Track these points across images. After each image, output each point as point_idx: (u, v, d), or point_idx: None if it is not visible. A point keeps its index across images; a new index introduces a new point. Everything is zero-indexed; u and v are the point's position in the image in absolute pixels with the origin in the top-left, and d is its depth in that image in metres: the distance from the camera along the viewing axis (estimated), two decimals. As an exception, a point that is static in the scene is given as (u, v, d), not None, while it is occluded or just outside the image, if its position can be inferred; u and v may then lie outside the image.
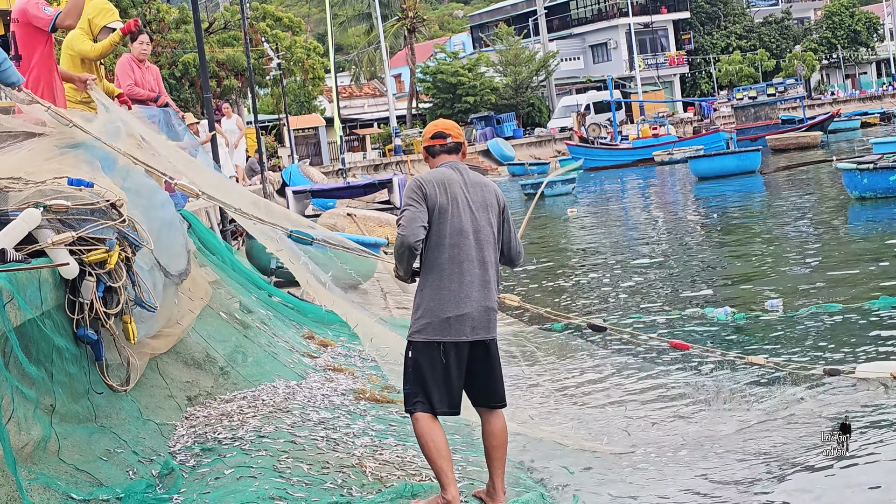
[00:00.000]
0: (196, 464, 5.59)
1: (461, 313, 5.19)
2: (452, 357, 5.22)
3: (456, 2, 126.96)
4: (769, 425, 7.30)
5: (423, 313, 5.24)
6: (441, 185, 5.30)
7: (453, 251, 5.24)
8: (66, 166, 6.16)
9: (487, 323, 5.28)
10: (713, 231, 22.00)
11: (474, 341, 5.25)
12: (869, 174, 22.08)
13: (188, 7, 36.46)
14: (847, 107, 73.43)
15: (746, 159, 36.36)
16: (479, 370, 5.33)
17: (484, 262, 5.30)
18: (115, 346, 5.71)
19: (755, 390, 8.32)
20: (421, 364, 5.23)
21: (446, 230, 5.24)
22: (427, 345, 5.21)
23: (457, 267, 5.23)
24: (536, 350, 9.54)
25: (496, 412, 5.38)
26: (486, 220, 5.36)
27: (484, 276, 5.29)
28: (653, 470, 6.56)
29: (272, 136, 50.46)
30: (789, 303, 12.03)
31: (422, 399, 5.22)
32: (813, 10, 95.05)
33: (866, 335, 10.07)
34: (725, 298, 13.07)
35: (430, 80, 67.21)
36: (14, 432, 4.31)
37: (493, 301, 5.33)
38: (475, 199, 5.36)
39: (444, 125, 5.55)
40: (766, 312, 11.62)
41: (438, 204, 5.25)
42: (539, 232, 25.44)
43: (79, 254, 5.25)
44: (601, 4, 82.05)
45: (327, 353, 9.52)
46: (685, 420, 7.69)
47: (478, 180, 5.46)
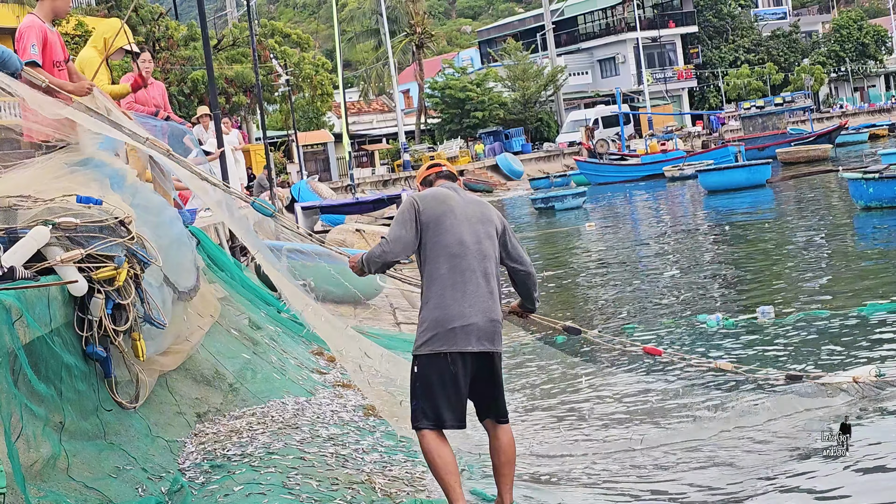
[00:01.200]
0: (205, 481, 5.58)
1: (467, 323, 5.17)
2: (459, 367, 5.20)
3: (464, 17, 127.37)
4: (724, 436, 7.36)
5: (429, 326, 5.23)
6: (436, 199, 5.36)
7: (454, 262, 5.24)
8: (76, 184, 6.19)
9: (493, 335, 5.27)
10: (721, 243, 22.00)
11: (479, 353, 5.23)
12: (875, 183, 22.03)
13: (197, 24, 36.61)
14: (856, 120, 73.30)
15: (756, 172, 36.28)
16: (483, 383, 5.31)
17: (487, 274, 5.30)
18: (125, 363, 5.72)
19: (724, 395, 8.49)
20: (428, 376, 5.22)
21: (445, 241, 5.25)
22: (433, 356, 5.20)
23: (459, 276, 5.23)
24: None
25: (503, 427, 5.37)
26: (486, 233, 5.37)
27: (488, 287, 5.29)
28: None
29: (281, 153, 50.55)
30: (780, 310, 12.09)
31: (429, 414, 5.21)
32: (821, 23, 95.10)
33: (853, 341, 10.18)
34: (726, 306, 13.20)
35: (438, 96, 67.35)
36: (23, 450, 4.30)
37: (497, 313, 5.32)
38: (473, 213, 5.39)
39: (439, 160, 5.72)
40: (756, 320, 11.75)
41: (435, 216, 5.28)
42: (551, 246, 25.45)
43: (87, 271, 5.25)
44: (609, 19, 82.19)
45: (336, 370, 9.50)
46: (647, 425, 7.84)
47: (474, 199, 5.54)
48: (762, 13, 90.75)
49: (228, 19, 55.67)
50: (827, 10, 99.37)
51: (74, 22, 33.38)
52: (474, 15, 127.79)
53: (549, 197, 38.46)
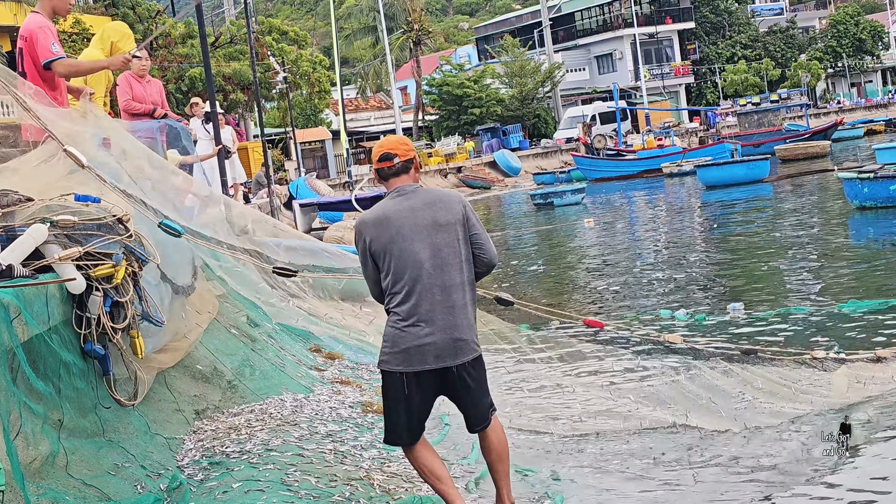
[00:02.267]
0: (204, 478, 5.59)
1: (421, 343, 5.02)
2: (414, 387, 5.09)
3: (461, 14, 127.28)
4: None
5: (385, 343, 5.16)
6: (379, 225, 5.14)
7: (409, 284, 5.07)
8: (75, 183, 6.19)
9: (455, 350, 5.06)
10: (714, 239, 22.09)
11: (439, 369, 5.07)
12: (870, 183, 22.05)
13: (194, 22, 36.61)
14: (853, 115, 73.41)
15: (755, 168, 36.35)
16: (455, 394, 5.21)
17: (446, 287, 5.08)
18: (123, 361, 5.72)
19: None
20: (388, 394, 5.19)
21: (397, 265, 5.10)
22: (390, 374, 5.14)
23: (413, 297, 5.06)
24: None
25: (490, 427, 5.25)
26: (444, 240, 5.12)
27: (447, 301, 5.07)
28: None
29: (279, 150, 50.56)
30: (754, 306, 12.37)
31: (393, 435, 5.20)
32: (818, 18, 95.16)
33: (828, 332, 10.46)
34: (706, 301, 13.40)
35: (435, 93, 67.36)
36: (22, 447, 4.31)
37: (460, 326, 5.09)
38: (424, 222, 5.11)
39: (390, 145, 5.30)
40: (726, 314, 12.00)
41: (382, 245, 5.12)
42: (551, 240, 25.49)
43: (86, 269, 5.26)
44: (606, 15, 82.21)
45: (334, 366, 9.51)
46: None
47: (430, 199, 5.20)
48: (759, 9, 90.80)
49: (226, 17, 55.66)
50: (824, 6, 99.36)
51: (72, 20, 33.38)
52: (471, 11, 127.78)
53: (549, 193, 38.51)
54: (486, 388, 5.27)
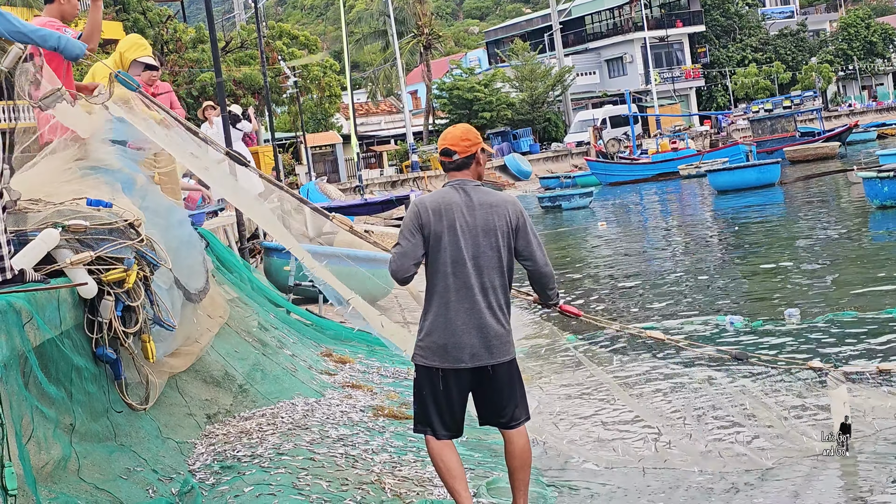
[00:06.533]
0: (215, 482, 5.59)
1: (459, 341, 5.12)
2: (452, 383, 5.16)
3: (471, 18, 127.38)
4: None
5: (423, 337, 5.23)
6: (437, 213, 5.21)
7: (451, 280, 5.16)
8: (87, 187, 6.20)
9: (490, 349, 5.15)
10: (734, 243, 21.94)
11: (475, 368, 5.16)
12: (890, 182, 21.96)
13: (205, 27, 36.69)
14: (864, 118, 73.14)
15: (766, 172, 36.23)
16: (485, 393, 5.26)
17: (485, 288, 5.18)
18: (134, 365, 5.73)
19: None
20: (422, 387, 5.24)
21: (443, 258, 5.18)
22: (427, 369, 5.20)
23: (454, 294, 5.15)
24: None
25: (517, 431, 5.28)
26: (489, 244, 5.20)
27: (486, 301, 5.17)
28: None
29: (289, 154, 50.61)
30: (807, 311, 12.09)
31: (423, 422, 5.23)
32: (828, 21, 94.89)
33: (879, 341, 10.12)
34: (743, 308, 13.14)
35: (446, 97, 67.31)
36: (34, 452, 4.32)
37: (496, 328, 5.18)
38: (477, 222, 5.20)
39: (452, 139, 5.35)
40: (783, 321, 11.71)
41: (434, 232, 5.18)
42: (560, 244, 25.46)
43: (97, 273, 5.27)
44: (616, 19, 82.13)
45: (345, 370, 9.52)
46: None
47: (486, 200, 5.27)
48: (769, 12, 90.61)
49: (236, 22, 55.77)
50: (834, 9, 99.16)
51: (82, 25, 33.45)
52: (481, 16, 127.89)
53: (557, 196, 38.51)
54: (517, 392, 5.31)
